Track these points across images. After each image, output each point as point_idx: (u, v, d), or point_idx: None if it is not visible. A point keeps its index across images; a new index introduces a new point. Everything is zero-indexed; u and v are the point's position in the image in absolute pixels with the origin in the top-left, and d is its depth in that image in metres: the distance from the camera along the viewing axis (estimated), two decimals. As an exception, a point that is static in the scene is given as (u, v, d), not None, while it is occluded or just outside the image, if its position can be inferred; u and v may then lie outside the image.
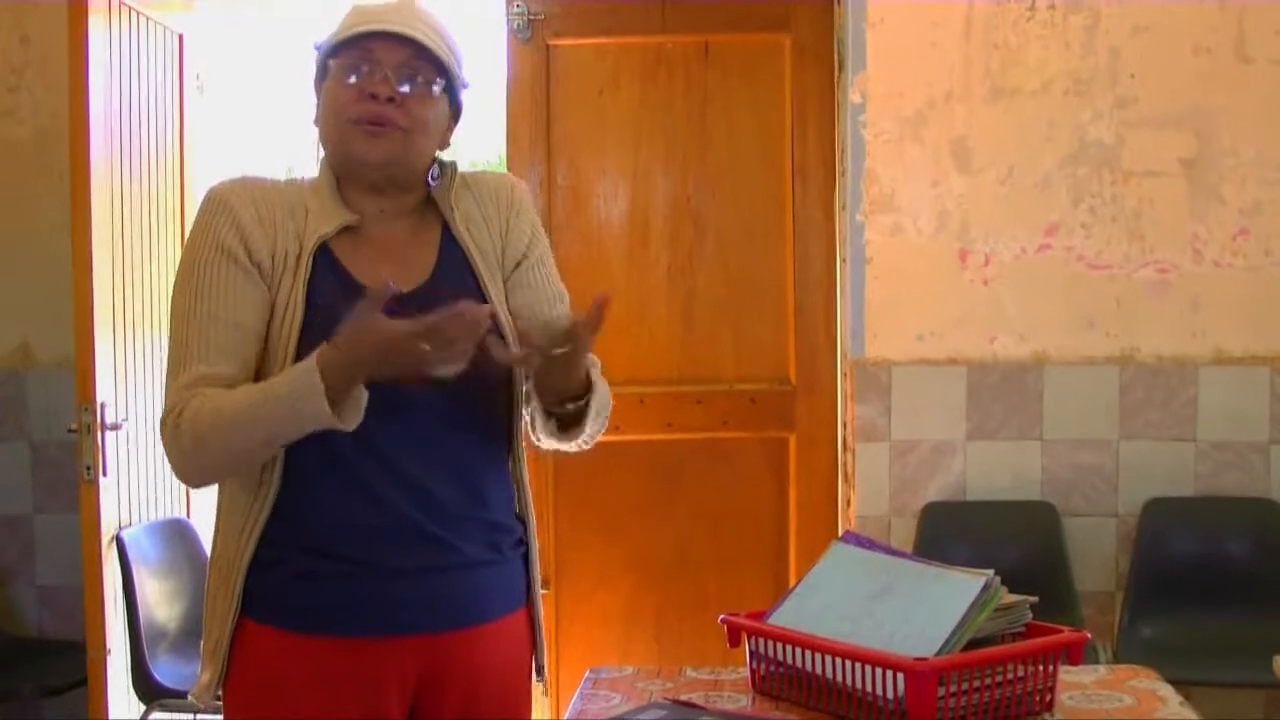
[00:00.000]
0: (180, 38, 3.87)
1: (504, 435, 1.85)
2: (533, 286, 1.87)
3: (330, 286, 1.73)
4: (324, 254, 1.75)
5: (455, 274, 1.81)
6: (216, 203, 1.75)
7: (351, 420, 1.62)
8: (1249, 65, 3.64)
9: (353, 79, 1.74)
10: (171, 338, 1.74)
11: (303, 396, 1.59)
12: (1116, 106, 3.66)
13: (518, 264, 1.87)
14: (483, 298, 1.80)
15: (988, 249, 3.69)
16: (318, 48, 1.80)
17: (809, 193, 3.86)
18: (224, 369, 1.69)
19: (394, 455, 1.71)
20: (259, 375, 1.72)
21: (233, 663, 1.74)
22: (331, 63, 1.76)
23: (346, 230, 1.77)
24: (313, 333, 1.68)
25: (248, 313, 1.71)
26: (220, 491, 1.79)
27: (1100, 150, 3.67)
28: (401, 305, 1.74)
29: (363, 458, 1.68)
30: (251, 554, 1.72)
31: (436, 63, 1.76)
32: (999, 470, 3.69)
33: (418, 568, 1.73)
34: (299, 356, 1.68)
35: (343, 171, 1.79)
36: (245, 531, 1.72)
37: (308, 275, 1.72)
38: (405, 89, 1.74)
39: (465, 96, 1.84)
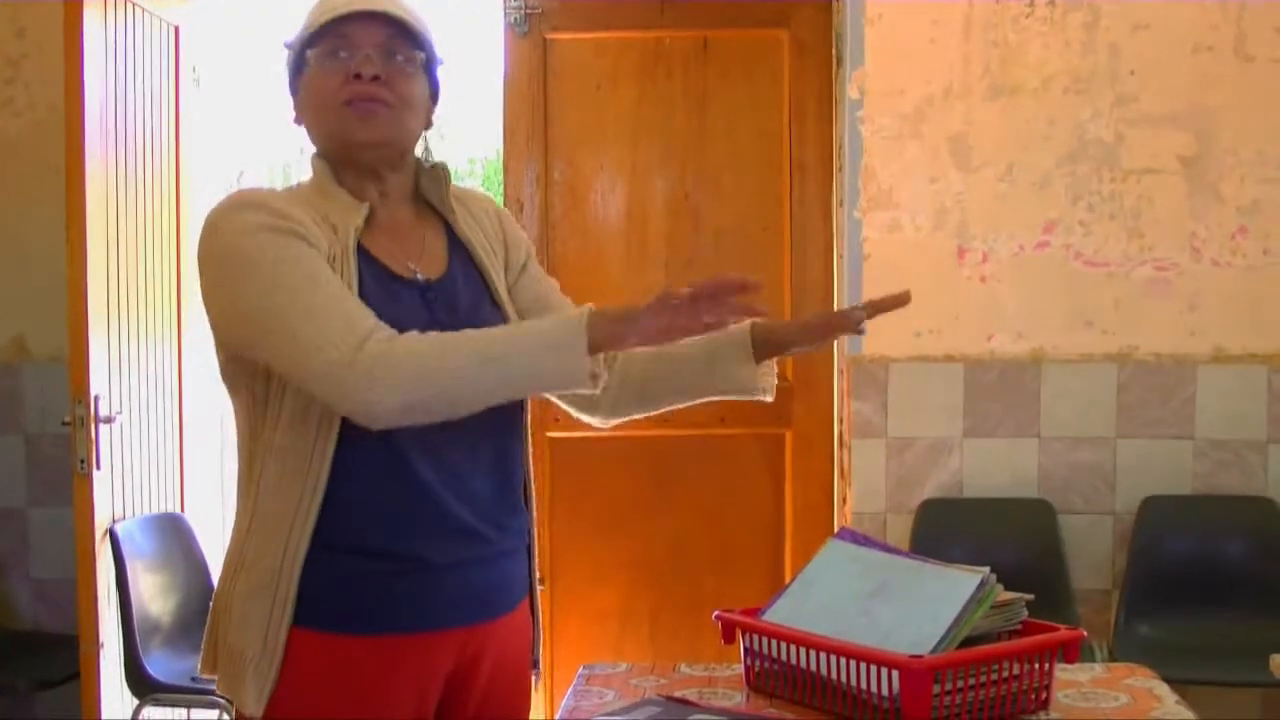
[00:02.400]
0: (176, 30, 3.86)
1: (520, 421, 1.84)
2: (539, 279, 1.92)
3: (372, 281, 1.69)
4: (357, 249, 1.71)
5: (465, 269, 1.81)
6: (253, 205, 1.66)
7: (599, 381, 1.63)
8: (1249, 63, 3.63)
9: (334, 64, 1.72)
10: (281, 324, 1.60)
11: (563, 345, 1.59)
12: (1116, 104, 3.65)
13: (523, 266, 1.90)
14: (490, 295, 1.81)
15: (986, 246, 3.68)
16: (289, 45, 1.79)
17: (807, 189, 3.85)
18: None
19: (443, 448, 1.68)
20: None
21: (281, 674, 1.66)
22: (309, 53, 1.74)
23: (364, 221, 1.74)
24: None
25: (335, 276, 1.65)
26: (244, 495, 1.72)
27: (1099, 148, 3.66)
28: (430, 293, 1.73)
29: (418, 452, 1.65)
30: (304, 557, 1.65)
31: (413, 39, 1.75)
32: (996, 468, 3.69)
33: (458, 561, 1.71)
34: None
35: (337, 159, 1.76)
36: (292, 534, 1.65)
37: (357, 273, 1.68)
38: (388, 67, 1.72)
39: (442, 75, 1.82)
